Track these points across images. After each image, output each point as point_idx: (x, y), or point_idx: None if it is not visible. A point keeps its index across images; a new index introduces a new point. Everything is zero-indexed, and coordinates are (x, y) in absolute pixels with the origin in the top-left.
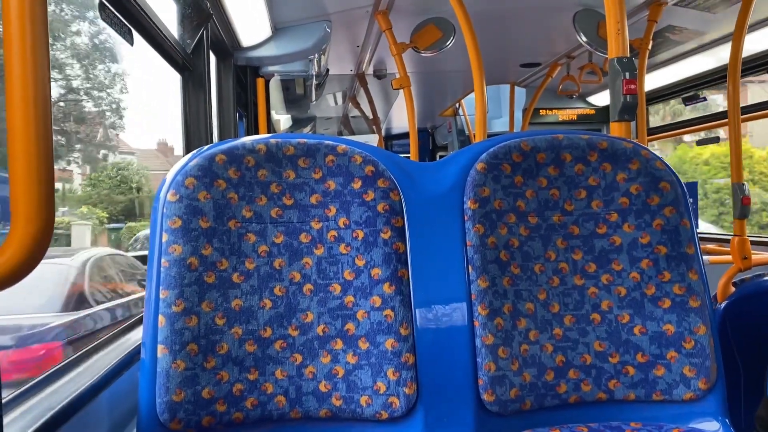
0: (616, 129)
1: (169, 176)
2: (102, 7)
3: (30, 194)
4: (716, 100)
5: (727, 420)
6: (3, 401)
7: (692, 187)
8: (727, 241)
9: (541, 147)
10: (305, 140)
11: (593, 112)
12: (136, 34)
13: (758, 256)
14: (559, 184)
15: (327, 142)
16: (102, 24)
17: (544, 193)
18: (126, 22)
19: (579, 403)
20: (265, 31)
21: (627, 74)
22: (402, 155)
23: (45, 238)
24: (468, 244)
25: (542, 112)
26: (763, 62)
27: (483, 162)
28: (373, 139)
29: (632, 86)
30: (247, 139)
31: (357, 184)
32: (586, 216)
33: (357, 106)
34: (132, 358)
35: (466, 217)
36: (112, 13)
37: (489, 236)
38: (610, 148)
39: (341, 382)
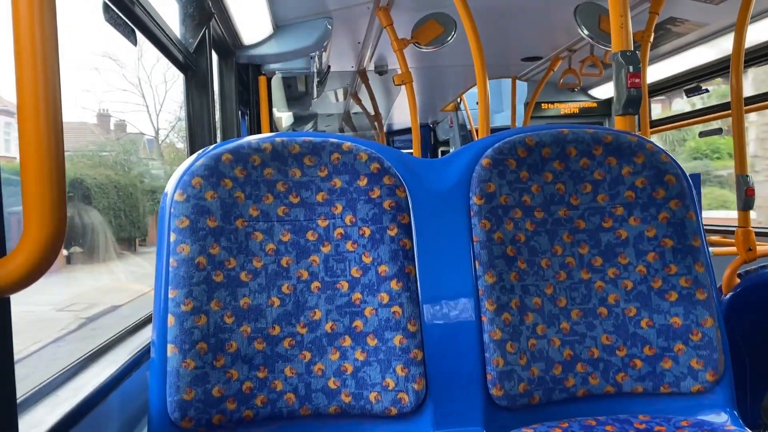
0: (620, 122)
1: (176, 176)
2: (106, 8)
3: (42, 199)
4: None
5: (735, 412)
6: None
7: (696, 178)
8: (732, 232)
9: (546, 141)
10: (310, 138)
11: (595, 105)
12: (139, 35)
13: (763, 246)
14: (565, 179)
15: (332, 139)
16: None
17: (550, 188)
18: (129, 23)
19: (587, 397)
20: (267, 29)
21: (631, 68)
22: (404, 151)
23: (57, 242)
24: (474, 240)
25: (544, 105)
26: (766, 52)
27: (488, 157)
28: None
29: (636, 80)
30: (253, 138)
31: (363, 182)
32: (592, 210)
33: (358, 102)
34: (141, 357)
35: (472, 213)
36: (116, 14)
37: (495, 231)
38: (615, 142)
39: (350, 379)
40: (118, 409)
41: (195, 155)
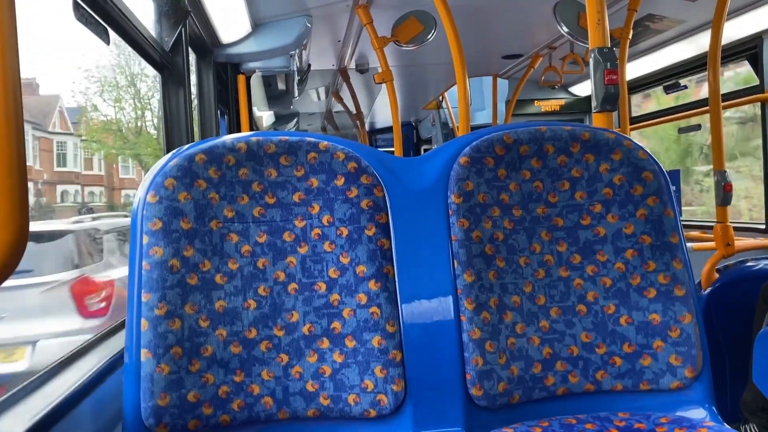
0: (598, 119)
1: (149, 177)
2: (76, 6)
3: (2, 202)
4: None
5: (713, 408)
6: None
7: (675, 175)
8: (710, 227)
9: (524, 139)
10: (286, 138)
11: (576, 101)
12: (112, 33)
13: (741, 242)
14: (543, 176)
15: (309, 139)
16: None
17: (528, 186)
18: (101, 21)
19: (567, 395)
20: (245, 27)
21: (608, 64)
22: (386, 149)
23: (19, 246)
24: (453, 239)
25: (525, 103)
26: (742, 49)
27: (466, 156)
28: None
29: (614, 76)
30: (228, 138)
31: (340, 181)
32: (570, 207)
33: (340, 101)
34: (115, 362)
35: (450, 212)
36: (87, 12)
37: (474, 230)
38: (593, 139)
39: (328, 381)
40: (91, 415)
41: (168, 155)
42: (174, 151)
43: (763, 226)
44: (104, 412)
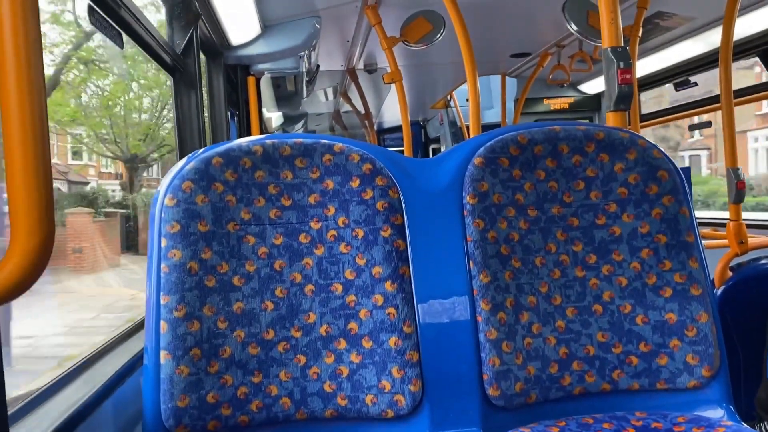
0: (611, 119)
1: (166, 180)
2: (91, 11)
3: (29, 207)
4: None
5: (731, 407)
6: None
7: (685, 172)
8: (723, 225)
9: (538, 139)
10: (301, 140)
11: (585, 99)
12: (125, 37)
13: (755, 239)
14: (557, 176)
15: (323, 141)
16: None
17: (543, 186)
18: (115, 25)
19: (584, 395)
20: (255, 29)
21: (622, 64)
22: (395, 149)
23: (46, 250)
24: (468, 240)
25: (534, 101)
26: (754, 45)
27: (480, 156)
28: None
29: (627, 75)
30: (243, 141)
31: (355, 183)
32: (585, 207)
33: (348, 101)
34: (135, 364)
35: (465, 213)
36: (101, 16)
37: (489, 231)
38: (607, 139)
39: (346, 382)
40: (112, 417)
41: (185, 159)
42: (190, 154)
43: None
44: (124, 414)
